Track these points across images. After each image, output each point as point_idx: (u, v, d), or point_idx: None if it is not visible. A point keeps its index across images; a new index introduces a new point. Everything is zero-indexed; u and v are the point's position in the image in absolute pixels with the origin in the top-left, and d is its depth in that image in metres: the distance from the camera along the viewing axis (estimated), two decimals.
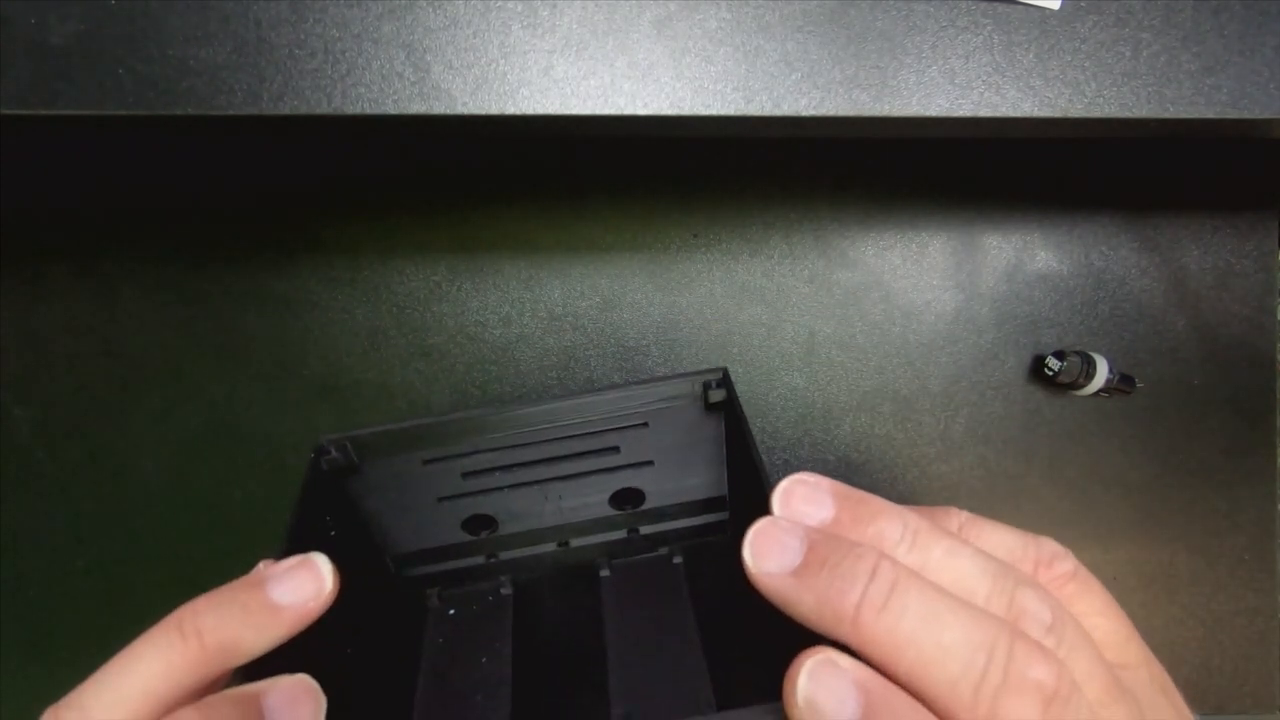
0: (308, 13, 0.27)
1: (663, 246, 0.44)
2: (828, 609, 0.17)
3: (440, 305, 0.44)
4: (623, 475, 0.32)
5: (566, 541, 0.34)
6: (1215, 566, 0.46)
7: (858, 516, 0.19)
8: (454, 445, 0.30)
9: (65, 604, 0.43)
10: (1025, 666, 0.16)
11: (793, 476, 0.20)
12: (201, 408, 0.43)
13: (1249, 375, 0.46)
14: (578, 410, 0.29)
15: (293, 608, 0.21)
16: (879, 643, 0.17)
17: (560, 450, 0.30)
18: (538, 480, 0.31)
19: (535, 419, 0.29)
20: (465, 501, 0.32)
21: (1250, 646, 0.46)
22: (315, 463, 0.28)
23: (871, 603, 0.17)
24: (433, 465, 0.30)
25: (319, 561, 0.22)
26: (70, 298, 0.42)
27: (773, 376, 0.45)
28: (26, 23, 0.26)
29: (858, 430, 0.45)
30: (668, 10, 0.28)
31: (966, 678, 0.16)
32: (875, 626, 0.17)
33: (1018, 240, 0.45)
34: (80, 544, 0.43)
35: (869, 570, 0.17)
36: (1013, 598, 0.18)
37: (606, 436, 0.30)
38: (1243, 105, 0.29)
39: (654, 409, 0.30)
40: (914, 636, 0.17)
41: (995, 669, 0.16)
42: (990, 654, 0.16)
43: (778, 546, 0.19)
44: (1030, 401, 0.46)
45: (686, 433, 0.31)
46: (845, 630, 0.17)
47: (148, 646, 0.19)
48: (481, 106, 0.28)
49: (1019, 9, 0.28)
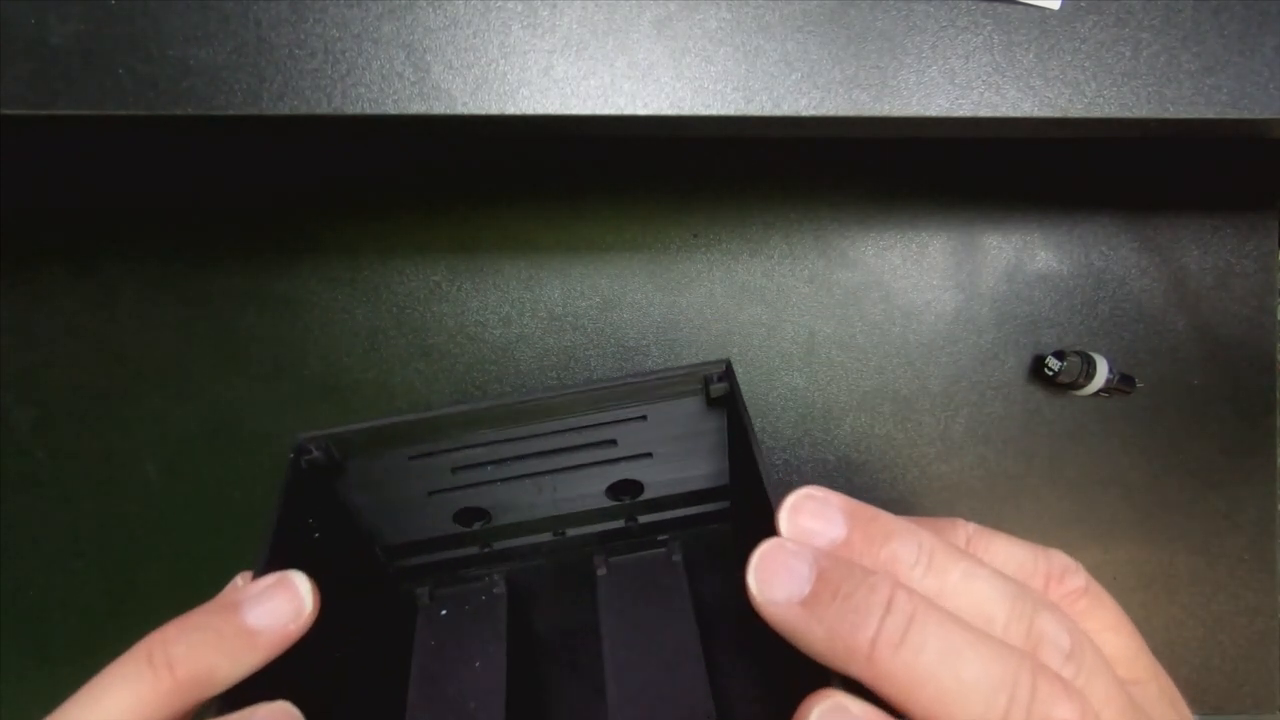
0: (308, 13, 0.27)
1: (663, 246, 0.44)
2: (840, 643, 0.16)
3: (440, 305, 0.44)
4: (621, 468, 0.31)
5: (563, 531, 0.33)
6: (1215, 566, 0.46)
7: (870, 536, 0.18)
8: (444, 440, 0.28)
9: (65, 604, 0.43)
10: (1049, 706, 0.16)
11: (801, 491, 0.19)
12: (201, 408, 0.43)
13: (1249, 375, 0.46)
14: (574, 406, 0.28)
15: (270, 631, 0.20)
16: (895, 680, 0.16)
17: (556, 444, 0.30)
18: (532, 473, 0.31)
19: (529, 414, 0.28)
20: (457, 495, 0.31)
21: (1250, 646, 0.46)
22: (295, 463, 0.27)
23: (888, 638, 0.16)
24: (421, 460, 0.29)
25: (297, 581, 0.21)
26: (70, 298, 0.42)
27: (773, 376, 0.45)
28: (26, 23, 0.26)
29: (858, 430, 0.45)
30: (668, 10, 0.28)
31: (987, 718, 0.16)
32: (892, 663, 0.16)
33: (1018, 240, 0.45)
34: (80, 544, 0.43)
35: (884, 602, 0.17)
36: (1031, 623, 0.17)
37: (603, 430, 0.29)
38: (1243, 105, 0.29)
39: (654, 404, 0.29)
40: (933, 673, 0.16)
41: (1018, 709, 0.16)
42: (1012, 693, 0.16)
43: (785, 573, 0.17)
44: (1030, 401, 0.46)
45: (687, 425, 0.30)
46: (858, 666, 0.16)
47: (115, 679, 0.18)
48: (481, 106, 0.28)
49: (1019, 9, 0.28)
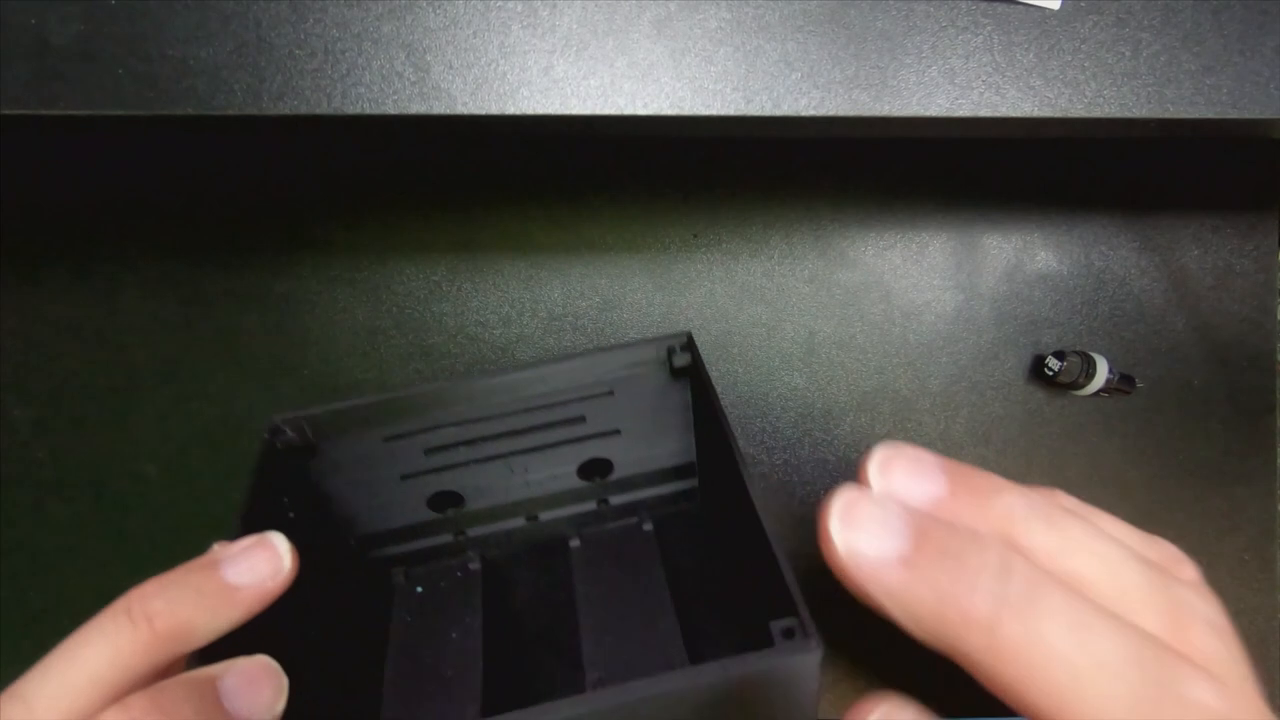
0: (308, 13, 0.27)
1: (663, 246, 0.44)
2: (953, 610, 0.14)
3: (440, 305, 0.44)
4: (590, 445, 0.31)
5: (535, 515, 0.33)
6: (1215, 566, 0.46)
7: (975, 490, 0.15)
8: (415, 420, 0.29)
9: (65, 604, 0.43)
10: (1186, 686, 0.14)
11: (890, 444, 0.16)
12: (201, 408, 0.43)
13: (1249, 375, 0.46)
14: (541, 380, 0.29)
15: (249, 588, 0.20)
16: (1019, 656, 0.14)
17: (525, 422, 0.30)
18: (503, 454, 0.31)
19: (498, 390, 0.28)
20: (430, 478, 0.31)
21: (1250, 646, 0.46)
22: (269, 443, 0.27)
23: (1013, 605, 0.14)
24: (394, 443, 0.29)
25: (275, 540, 0.21)
26: (70, 298, 0.42)
27: (773, 376, 0.45)
28: (26, 23, 0.26)
29: (858, 430, 0.45)
30: (668, 10, 0.28)
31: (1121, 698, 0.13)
32: (1018, 634, 0.13)
33: (1018, 240, 0.45)
34: (80, 544, 0.43)
35: (1002, 564, 0.14)
36: (1170, 592, 0.15)
37: (571, 406, 0.30)
38: (1243, 105, 0.29)
39: (619, 376, 0.29)
40: (1062, 649, 0.13)
41: (1154, 689, 0.13)
42: (1147, 671, 0.14)
43: (878, 525, 0.14)
44: (1030, 401, 0.46)
45: (653, 400, 0.30)
46: (976, 639, 0.14)
47: (94, 633, 0.18)
48: (481, 106, 0.28)
49: (1019, 9, 0.28)
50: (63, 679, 0.18)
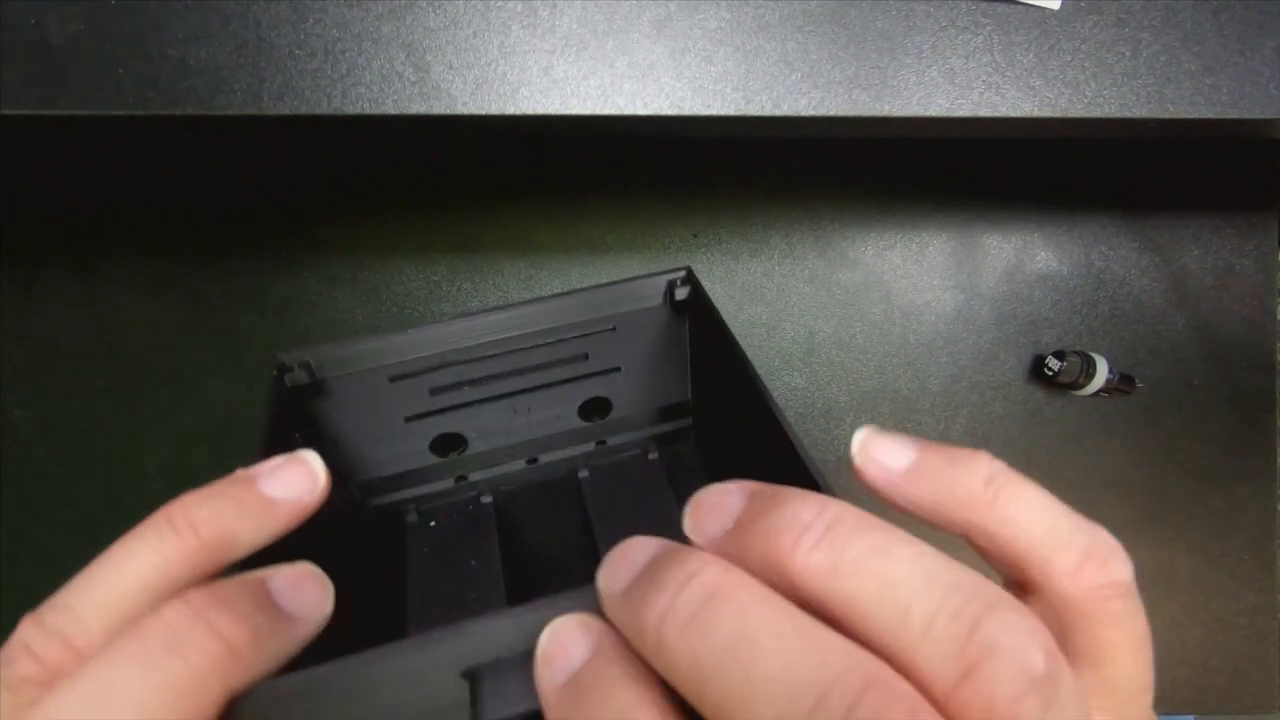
0: (308, 13, 0.27)
1: (663, 246, 0.44)
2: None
3: (440, 305, 0.44)
4: (591, 384, 0.32)
5: (536, 458, 0.34)
6: (1215, 566, 0.46)
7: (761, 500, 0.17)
8: (421, 360, 0.29)
9: None
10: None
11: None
12: (201, 407, 0.43)
13: (1249, 375, 0.46)
14: (547, 314, 0.29)
15: (287, 502, 0.20)
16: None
17: (529, 361, 0.30)
18: (507, 394, 0.31)
19: (504, 325, 0.29)
20: (434, 420, 0.31)
21: (1250, 646, 0.46)
22: (278, 380, 0.27)
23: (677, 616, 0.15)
24: (400, 382, 0.29)
25: (309, 456, 0.21)
26: (70, 298, 0.42)
27: (773, 376, 0.45)
28: (26, 23, 0.26)
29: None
30: (668, 10, 0.28)
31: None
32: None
33: (1018, 240, 0.45)
34: (81, 544, 0.43)
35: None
36: (978, 626, 0.13)
37: (575, 344, 0.30)
38: (1243, 105, 0.29)
39: (621, 312, 0.29)
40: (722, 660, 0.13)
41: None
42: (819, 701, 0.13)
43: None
44: (1030, 401, 0.46)
45: (654, 336, 0.31)
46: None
47: (138, 541, 0.18)
48: (481, 106, 0.28)
49: (1019, 9, 0.28)
50: (110, 587, 0.17)
